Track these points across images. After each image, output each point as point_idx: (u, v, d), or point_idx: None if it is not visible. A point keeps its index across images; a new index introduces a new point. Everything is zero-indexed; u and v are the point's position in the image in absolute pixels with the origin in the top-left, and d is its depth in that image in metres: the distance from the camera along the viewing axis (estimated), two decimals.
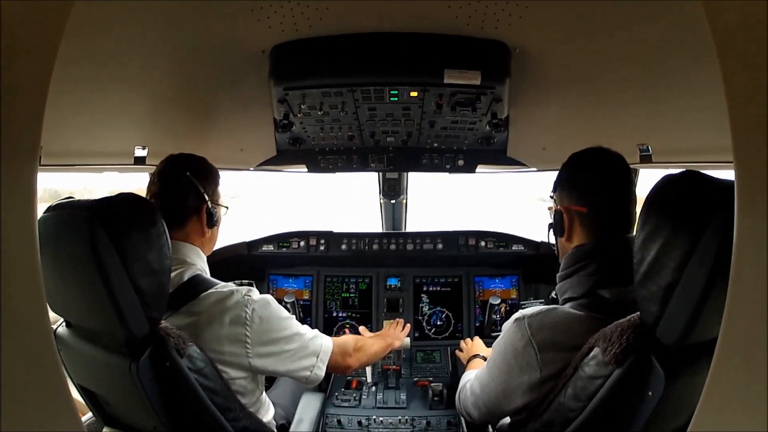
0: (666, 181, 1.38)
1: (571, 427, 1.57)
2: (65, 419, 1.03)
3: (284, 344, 2.04)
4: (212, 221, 2.15)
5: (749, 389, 0.86)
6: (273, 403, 2.42)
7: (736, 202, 0.87)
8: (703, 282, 1.20)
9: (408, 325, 3.16)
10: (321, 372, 2.16)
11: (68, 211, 1.57)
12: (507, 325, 1.84)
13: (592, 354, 1.52)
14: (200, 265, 2.09)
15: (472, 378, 2.17)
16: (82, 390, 1.98)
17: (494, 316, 3.39)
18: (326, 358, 2.19)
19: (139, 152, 2.81)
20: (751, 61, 0.84)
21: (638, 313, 1.46)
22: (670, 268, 1.29)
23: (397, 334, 2.98)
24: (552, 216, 2.00)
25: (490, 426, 2.40)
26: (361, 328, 3.17)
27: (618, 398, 1.45)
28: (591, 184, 1.84)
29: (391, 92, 2.30)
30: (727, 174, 1.29)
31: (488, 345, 2.79)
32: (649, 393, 1.38)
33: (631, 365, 1.41)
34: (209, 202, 2.11)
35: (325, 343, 2.21)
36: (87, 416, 2.48)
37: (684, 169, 1.37)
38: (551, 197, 2.03)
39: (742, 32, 0.85)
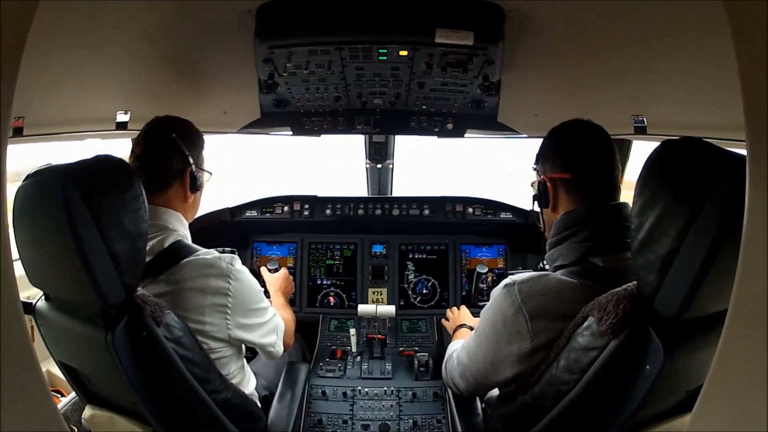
0: (666, 146, 1.35)
1: (564, 401, 1.54)
2: (39, 402, 1.04)
3: (260, 316, 2.08)
4: (196, 186, 2.12)
5: (762, 360, 0.84)
6: (255, 374, 2.41)
7: (747, 173, 0.85)
8: (705, 252, 1.17)
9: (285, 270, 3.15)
10: (280, 350, 2.26)
11: (44, 176, 1.52)
12: (496, 291, 1.80)
13: (586, 324, 1.48)
14: (182, 231, 2.06)
15: (458, 348, 2.14)
16: (63, 367, 1.94)
17: (481, 285, 3.36)
18: (282, 336, 2.30)
19: (122, 117, 2.77)
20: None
21: (635, 282, 1.42)
22: (669, 236, 1.25)
23: (284, 289, 2.96)
24: (536, 188, 1.98)
25: (477, 398, 2.37)
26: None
27: (613, 372, 1.41)
28: (573, 150, 1.85)
29: (380, 51, 2.22)
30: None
31: (475, 315, 2.76)
32: (647, 367, 1.35)
33: (628, 337, 1.37)
34: (193, 166, 2.08)
35: (280, 322, 2.29)
36: (71, 396, 2.48)
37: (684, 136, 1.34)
38: (534, 169, 2.01)
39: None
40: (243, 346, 2.16)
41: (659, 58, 2.15)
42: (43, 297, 1.85)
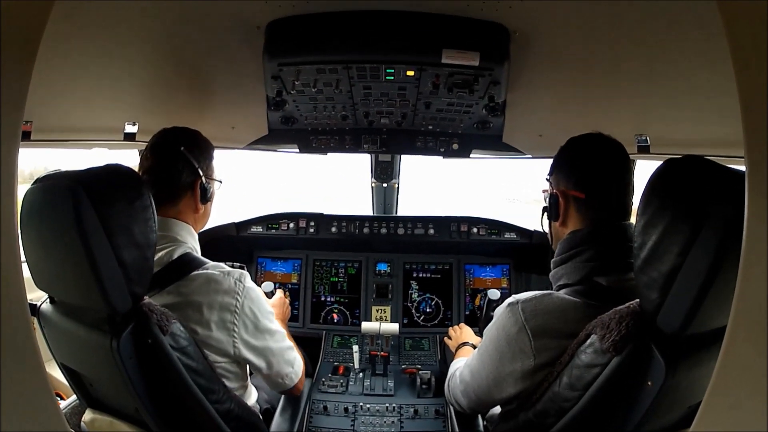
0: (669, 164, 1.36)
1: (566, 418, 1.54)
2: (42, 402, 1.04)
3: (271, 339, 2.05)
4: (206, 197, 2.12)
5: (760, 375, 0.85)
6: (257, 387, 2.40)
7: (747, 189, 0.85)
8: (706, 269, 1.18)
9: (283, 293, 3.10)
10: (292, 383, 2.23)
11: (54, 181, 1.53)
12: (499, 310, 1.81)
13: (589, 341, 1.48)
14: (191, 243, 2.07)
15: (461, 365, 2.14)
16: (65, 370, 1.94)
17: (491, 313, 3.34)
18: (299, 373, 2.28)
19: (130, 128, 2.79)
20: (764, 42, 0.80)
21: (637, 300, 1.43)
22: (672, 254, 1.26)
23: (281, 315, 2.88)
24: (547, 200, 1.97)
25: (479, 416, 2.37)
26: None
27: (616, 388, 1.42)
28: (590, 169, 1.82)
29: (387, 71, 2.25)
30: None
31: (479, 335, 2.76)
32: (648, 383, 1.35)
33: (631, 353, 1.38)
34: (203, 177, 2.08)
35: (298, 358, 2.26)
36: (71, 399, 2.46)
37: (686, 155, 1.35)
38: (547, 179, 1.99)
39: (754, 10, 0.82)
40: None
41: (662, 78, 2.17)
42: (48, 300, 1.86)
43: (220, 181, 2.24)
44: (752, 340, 0.87)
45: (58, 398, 2.88)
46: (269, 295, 3.05)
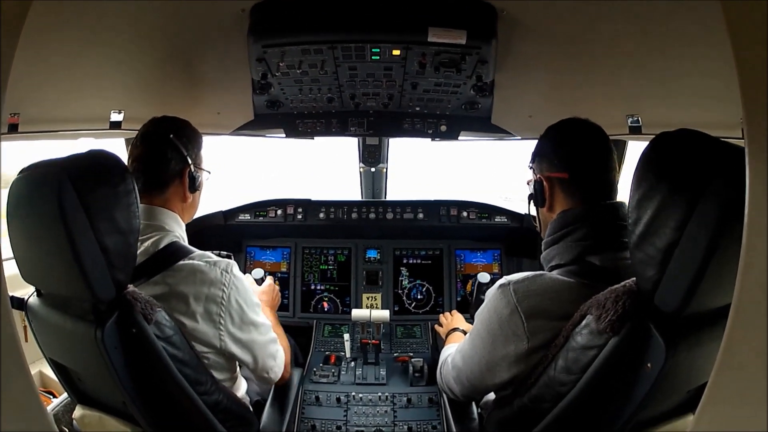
0: (662, 137, 1.34)
1: (563, 403, 1.51)
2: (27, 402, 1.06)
3: (257, 333, 2.04)
4: (194, 185, 2.12)
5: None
6: (247, 378, 2.38)
7: (747, 166, 0.85)
8: (705, 244, 1.15)
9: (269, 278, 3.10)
10: (276, 377, 2.25)
11: (38, 170, 1.54)
12: (491, 292, 1.78)
13: (584, 322, 1.46)
14: (178, 232, 2.05)
15: (453, 351, 2.12)
16: (54, 365, 1.94)
17: (482, 296, 3.32)
18: (282, 366, 2.27)
19: (115, 117, 2.78)
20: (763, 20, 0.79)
21: (634, 278, 1.40)
22: (668, 228, 1.24)
23: (271, 302, 2.88)
24: (532, 187, 1.96)
25: (473, 403, 2.34)
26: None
27: (613, 370, 1.39)
28: (571, 149, 1.83)
29: (373, 50, 2.23)
30: None
31: (470, 322, 2.73)
32: (648, 365, 1.32)
33: (628, 333, 1.35)
34: (192, 166, 2.08)
35: (280, 350, 2.27)
36: (63, 396, 2.48)
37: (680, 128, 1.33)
38: (530, 168, 2.00)
39: None
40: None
41: (653, 58, 2.15)
42: (35, 293, 1.85)
43: (209, 172, 2.24)
44: (756, 324, 0.85)
45: (51, 396, 2.88)
46: (259, 282, 3.05)
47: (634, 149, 3.18)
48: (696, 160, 1.22)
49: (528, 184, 2.01)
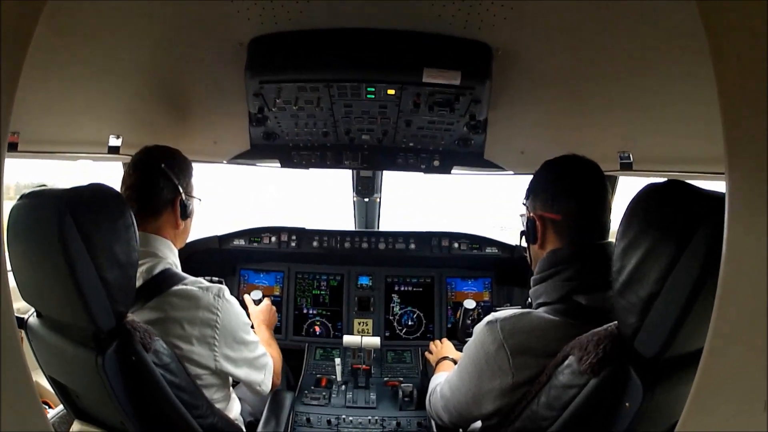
0: (649, 189, 1.36)
1: None
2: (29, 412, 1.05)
3: (248, 350, 2.10)
4: (186, 213, 2.18)
5: (737, 395, 0.87)
6: (240, 399, 2.42)
7: (726, 212, 0.86)
8: (685, 295, 1.19)
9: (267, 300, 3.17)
10: (267, 388, 2.27)
11: (39, 199, 1.57)
12: (479, 328, 1.81)
13: (566, 362, 1.50)
14: (171, 259, 2.09)
15: (442, 381, 2.15)
16: (52, 381, 1.97)
17: (468, 321, 3.36)
18: (270, 375, 2.31)
19: (114, 141, 2.81)
20: (748, 64, 0.82)
21: (615, 322, 1.44)
22: (651, 279, 1.27)
23: (267, 321, 2.99)
24: (524, 223, 1.99)
25: (461, 430, 2.39)
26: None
27: (593, 409, 1.43)
28: (565, 192, 1.83)
29: (368, 89, 2.25)
30: (712, 185, 1.27)
31: (459, 349, 2.78)
32: (626, 404, 1.36)
33: (608, 376, 1.39)
34: (183, 194, 2.12)
35: (269, 361, 2.32)
36: (58, 408, 2.48)
37: (668, 179, 1.35)
38: (523, 204, 2.01)
39: (738, 32, 0.83)
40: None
41: (645, 96, 2.19)
42: (35, 313, 1.88)
43: (200, 199, 2.29)
44: (728, 362, 0.88)
45: (46, 407, 2.90)
46: (257, 302, 3.12)
47: (625, 183, 3.24)
48: (680, 213, 1.24)
49: (521, 217, 2.04)
